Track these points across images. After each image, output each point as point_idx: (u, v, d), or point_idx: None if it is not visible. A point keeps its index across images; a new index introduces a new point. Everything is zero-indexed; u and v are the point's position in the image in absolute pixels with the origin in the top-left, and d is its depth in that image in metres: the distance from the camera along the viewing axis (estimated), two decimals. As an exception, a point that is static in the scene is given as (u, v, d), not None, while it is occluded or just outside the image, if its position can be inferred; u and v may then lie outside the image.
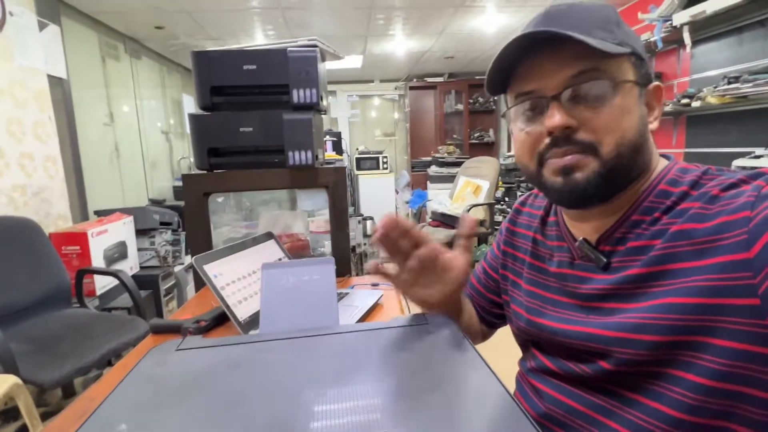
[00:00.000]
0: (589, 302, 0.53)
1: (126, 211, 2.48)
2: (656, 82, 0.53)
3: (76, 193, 2.52)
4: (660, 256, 0.46)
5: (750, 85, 1.88)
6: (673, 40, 2.43)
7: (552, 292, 0.59)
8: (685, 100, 2.30)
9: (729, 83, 2.01)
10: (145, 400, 0.37)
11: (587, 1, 0.51)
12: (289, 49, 1.14)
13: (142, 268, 2.53)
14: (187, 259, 2.76)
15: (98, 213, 2.51)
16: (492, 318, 0.77)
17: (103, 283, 2.15)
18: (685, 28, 2.21)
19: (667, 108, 2.49)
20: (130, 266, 2.39)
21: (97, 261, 2.13)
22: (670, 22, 2.28)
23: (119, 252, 2.31)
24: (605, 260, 0.52)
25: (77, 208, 2.52)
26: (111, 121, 3.04)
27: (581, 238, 0.55)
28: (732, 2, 1.88)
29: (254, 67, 1.14)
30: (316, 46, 1.18)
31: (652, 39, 2.46)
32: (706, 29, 2.28)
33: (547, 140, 0.50)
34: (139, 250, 2.54)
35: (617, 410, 0.49)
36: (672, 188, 0.50)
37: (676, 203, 0.48)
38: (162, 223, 2.68)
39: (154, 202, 3.30)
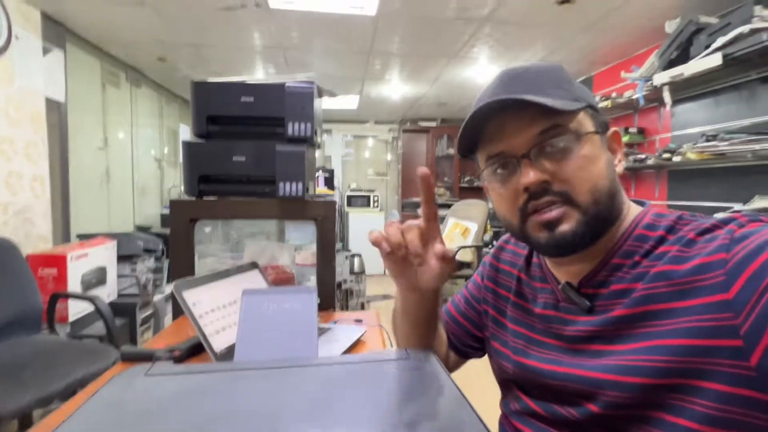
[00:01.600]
0: (574, 344, 0.53)
1: (110, 235, 2.43)
2: (614, 129, 0.56)
3: (61, 215, 2.48)
4: (642, 297, 0.47)
5: (727, 143, 1.97)
6: (655, 98, 2.56)
7: (537, 332, 0.59)
8: (666, 155, 2.40)
9: (707, 140, 2.10)
10: (104, 427, 0.35)
11: (538, 63, 0.55)
12: (287, 84, 1.18)
13: (120, 295, 2.45)
14: (168, 289, 2.69)
15: (81, 236, 2.46)
16: (465, 348, 0.75)
17: (77, 309, 2.07)
18: (665, 89, 2.34)
19: (650, 162, 2.58)
20: (107, 293, 2.32)
21: (74, 286, 2.06)
22: (651, 82, 2.41)
23: (97, 277, 2.24)
24: (588, 304, 0.53)
25: (60, 230, 2.47)
26: (105, 146, 3.05)
27: (564, 281, 0.56)
28: (708, 67, 2.01)
29: (251, 99, 1.17)
30: (313, 82, 1.22)
31: (634, 96, 2.59)
32: (686, 90, 2.41)
33: (524, 196, 0.52)
34: (119, 276, 2.47)
35: None
36: (649, 233, 0.51)
37: (654, 247, 0.50)
38: (146, 250, 2.63)
39: (140, 229, 3.26)
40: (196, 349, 0.85)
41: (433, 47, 3.00)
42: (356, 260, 3.69)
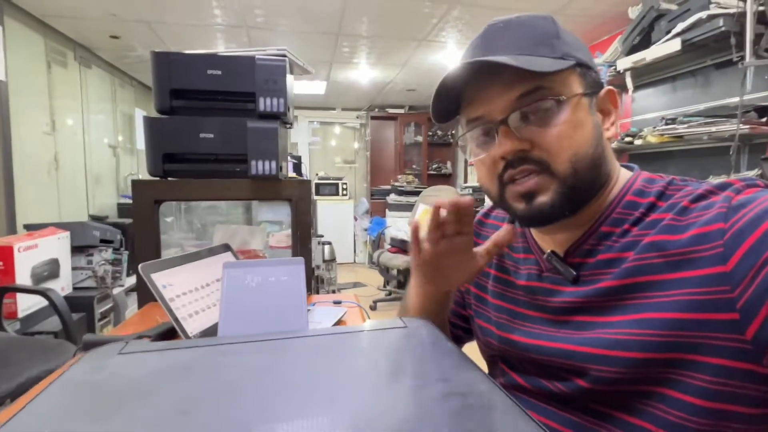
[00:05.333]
0: (559, 316, 0.52)
1: (62, 225, 2.26)
2: (608, 87, 0.53)
3: (4, 204, 2.29)
4: (633, 268, 0.45)
5: (685, 126, 2.06)
6: (617, 84, 2.63)
7: (520, 305, 0.57)
8: (628, 138, 2.48)
9: (666, 124, 2.19)
10: (75, 408, 0.31)
11: (525, 15, 0.51)
12: (257, 56, 1.11)
13: (75, 288, 2.30)
14: (129, 281, 2.55)
15: (28, 227, 2.28)
16: (460, 332, 0.74)
17: (27, 304, 1.92)
18: (628, 74, 2.41)
19: (612, 145, 2.67)
20: (61, 286, 2.17)
21: (23, 279, 1.90)
22: (614, 67, 2.48)
23: (50, 270, 2.09)
24: (574, 273, 0.51)
25: (4, 220, 2.28)
26: (52, 131, 2.82)
27: (549, 250, 0.54)
28: (667, 52, 2.08)
29: (219, 72, 1.10)
30: (285, 56, 1.16)
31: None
32: (646, 76, 2.50)
33: (502, 163, 0.50)
34: (73, 269, 2.31)
35: (599, 428, 0.47)
36: (639, 199, 0.49)
37: (644, 214, 0.48)
38: (102, 241, 2.47)
39: (95, 219, 3.06)
40: (167, 335, 0.80)
41: (401, 30, 2.96)
42: (326, 248, 3.64)
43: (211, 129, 1.10)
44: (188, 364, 0.38)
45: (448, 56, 3.53)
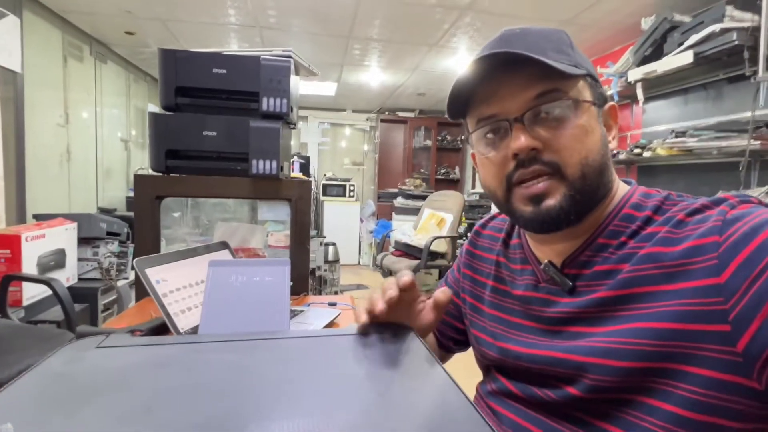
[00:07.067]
0: (554, 326, 0.52)
1: (70, 217, 2.30)
2: (611, 102, 0.54)
3: (15, 194, 2.33)
4: (628, 279, 0.46)
5: (695, 139, 2.03)
6: (628, 95, 2.62)
7: (516, 315, 0.57)
8: (637, 150, 2.46)
9: (676, 137, 2.16)
10: (46, 399, 0.31)
11: (539, 27, 0.52)
12: (262, 56, 1.12)
13: (80, 279, 2.33)
14: (133, 275, 2.58)
15: (37, 217, 2.32)
16: (450, 342, 0.74)
17: (32, 293, 1.95)
18: (639, 85, 2.39)
19: (621, 156, 2.65)
20: (67, 277, 2.20)
21: (29, 268, 1.94)
22: (625, 78, 2.46)
23: (56, 260, 2.12)
24: (570, 284, 0.51)
25: (14, 209, 2.32)
26: (65, 123, 2.88)
27: (546, 261, 0.54)
28: (679, 64, 2.06)
29: (224, 71, 1.12)
30: (290, 57, 1.17)
31: (609, 92, 2.64)
32: (657, 88, 2.48)
33: (512, 163, 0.50)
34: (79, 260, 2.34)
35: None
36: (636, 212, 0.50)
37: (641, 227, 0.48)
38: (109, 233, 2.51)
39: (104, 211, 3.11)
40: (159, 330, 0.81)
41: (413, 34, 2.97)
42: (331, 249, 3.65)
43: (214, 127, 1.11)
44: (163, 360, 0.38)
45: (459, 62, 3.53)
